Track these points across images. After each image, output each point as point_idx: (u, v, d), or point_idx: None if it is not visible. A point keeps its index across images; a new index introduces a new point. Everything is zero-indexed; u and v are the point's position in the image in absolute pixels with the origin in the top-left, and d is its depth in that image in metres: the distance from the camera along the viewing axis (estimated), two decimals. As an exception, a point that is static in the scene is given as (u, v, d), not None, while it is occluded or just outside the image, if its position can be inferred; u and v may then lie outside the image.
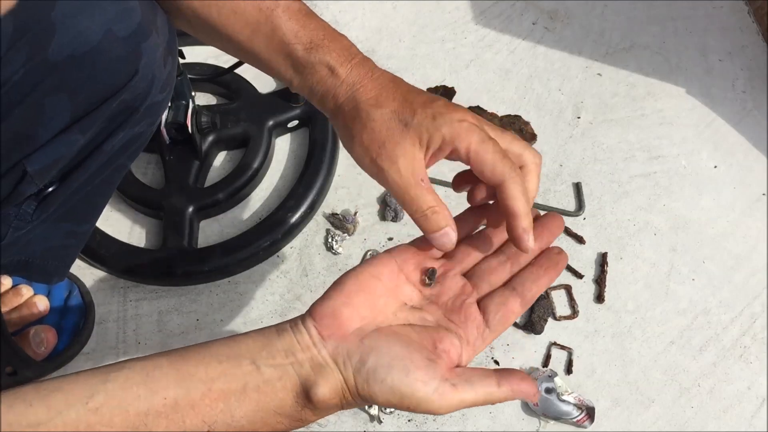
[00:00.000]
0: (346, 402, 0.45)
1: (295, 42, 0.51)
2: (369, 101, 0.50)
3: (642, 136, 0.94)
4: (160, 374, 0.44)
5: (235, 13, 0.51)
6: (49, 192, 0.55)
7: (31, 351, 0.74)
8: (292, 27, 0.51)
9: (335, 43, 0.51)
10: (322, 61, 0.51)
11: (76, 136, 0.51)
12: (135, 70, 0.50)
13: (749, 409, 0.78)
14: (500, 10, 1.04)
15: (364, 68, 0.51)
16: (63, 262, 0.63)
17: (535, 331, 0.81)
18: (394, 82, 0.51)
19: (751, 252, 0.87)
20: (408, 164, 0.50)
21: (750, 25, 1.04)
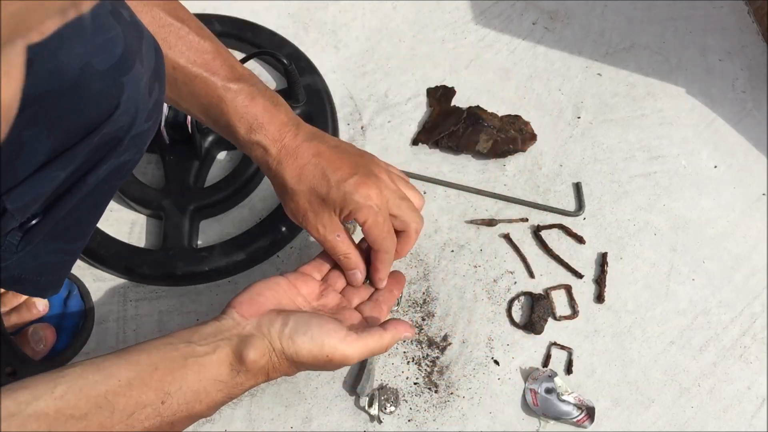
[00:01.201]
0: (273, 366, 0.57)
1: (237, 125, 0.64)
2: (293, 178, 0.65)
3: (642, 136, 0.94)
4: (110, 363, 0.51)
5: (192, 95, 0.63)
6: (33, 224, 0.54)
7: (30, 349, 0.74)
8: (236, 112, 0.64)
9: (270, 125, 0.64)
10: (258, 142, 0.65)
11: (56, 172, 0.50)
12: (116, 104, 0.49)
13: (749, 409, 0.78)
14: (500, 10, 1.04)
15: (290, 148, 0.65)
16: (56, 277, 0.63)
17: (535, 331, 0.81)
18: (317, 157, 0.65)
19: (751, 252, 0.87)
20: (326, 225, 0.66)
21: (750, 25, 1.04)
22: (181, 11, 0.63)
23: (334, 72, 0.97)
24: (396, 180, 0.69)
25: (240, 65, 0.65)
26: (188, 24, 0.62)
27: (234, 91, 0.63)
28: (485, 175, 0.91)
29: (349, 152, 0.68)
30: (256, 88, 0.65)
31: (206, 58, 0.62)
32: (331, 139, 0.68)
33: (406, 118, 0.95)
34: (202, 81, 0.62)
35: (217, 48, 0.63)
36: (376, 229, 0.66)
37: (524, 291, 0.83)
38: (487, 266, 0.85)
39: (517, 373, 0.79)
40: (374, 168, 0.67)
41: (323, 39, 1.00)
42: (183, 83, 0.62)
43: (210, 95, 0.63)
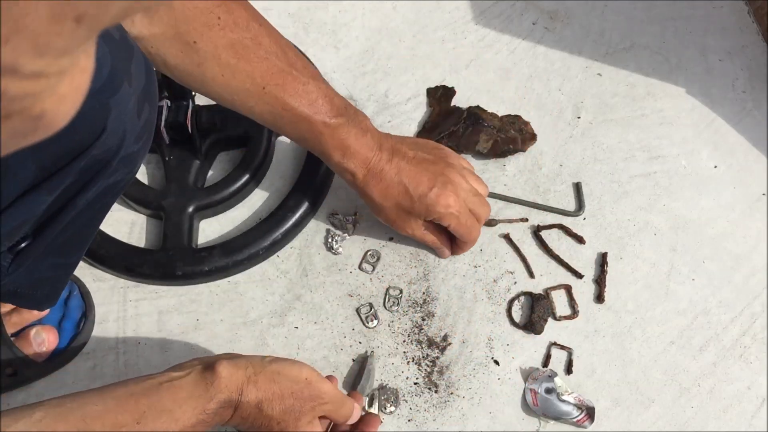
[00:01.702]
0: (249, 378, 0.58)
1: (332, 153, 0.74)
2: (380, 197, 0.76)
3: (642, 136, 0.94)
4: (88, 394, 0.54)
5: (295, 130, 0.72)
6: (23, 246, 0.53)
7: (32, 351, 0.74)
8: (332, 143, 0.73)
9: (359, 153, 0.74)
10: (348, 168, 0.75)
11: (43, 196, 0.49)
12: (102, 127, 0.48)
13: (749, 409, 0.78)
14: (500, 10, 1.04)
15: (374, 171, 0.75)
16: (52, 290, 0.63)
17: (535, 331, 0.81)
18: (398, 175, 0.75)
19: (751, 252, 0.87)
20: (413, 228, 0.79)
21: (750, 25, 1.04)
22: (290, 54, 0.70)
23: (334, 72, 0.97)
24: (468, 177, 0.79)
25: (339, 98, 0.74)
26: (296, 67, 0.70)
27: (332, 126, 0.72)
28: (485, 175, 0.91)
29: (426, 162, 0.77)
30: (351, 120, 0.74)
31: (312, 98, 0.71)
32: (409, 149, 0.77)
33: (406, 118, 0.95)
34: (307, 121, 0.71)
35: (320, 87, 0.72)
36: (461, 228, 0.78)
37: (524, 291, 0.83)
38: (487, 266, 0.85)
39: (517, 373, 0.79)
40: (450, 173, 0.77)
41: (323, 39, 1.00)
42: (289, 121, 0.71)
43: (312, 131, 0.72)
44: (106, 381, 0.77)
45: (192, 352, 0.79)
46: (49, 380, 0.77)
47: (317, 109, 0.71)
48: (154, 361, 0.79)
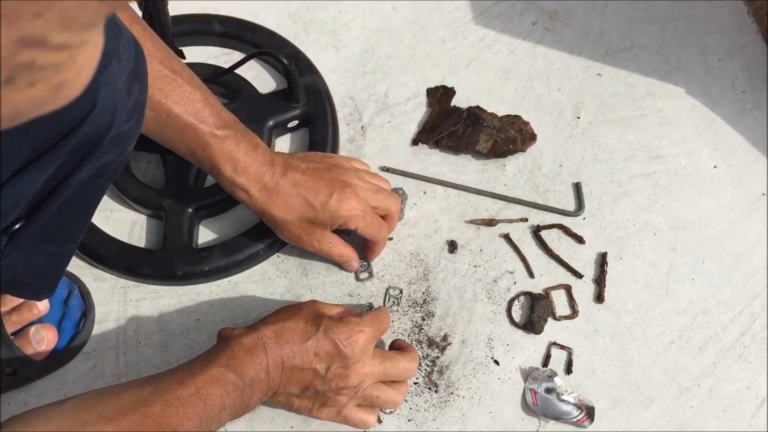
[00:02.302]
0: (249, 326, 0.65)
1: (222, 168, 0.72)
2: (281, 212, 0.74)
3: (642, 136, 0.94)
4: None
5: (182, 140, 0.71)
6: (17, 228, 0.53)
7: (32, 349, 0.75)
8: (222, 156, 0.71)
9: (251, 168, 0.72)
10: (240, 185, 0.73)
11: (35, 175, 0.50)
12: (92, 104, 0.49)
13: (749, 409, 0.78)
14: (500, 10, 1.04)
15: (269, 186, 0.74)
16: (49, 280, 0.63)
17: (535, 331, 0.81)
18: (296, 188, 0.74)
19: (751, 252, 0.87)
20: (319, 239, 0.77)
21: (750, 25, 1.04)
22: (175, 63, 0.70)
23: (334, 72, 0.98)
24: (365, 176, 0.79)
25: (226, 112, 0.73)
26: (181, 75, 0.69)
27: (220, 137, 0.71)
28: (485, 175, 0.91)
29: (321, 170, 0.76)
30: (240, 134, 0.73)
31: (197, 107, 0.69)
32: (302, 162, 0.77)
33: (406, 118, 0.95)
34: (192, 129, 0.70)
35: (206, 97, 0.71)
36: (369, 228, 0.77)
37: (524, 291, 0.84)
38: (487, 266, 0.85)
39: (517, 373, 0.79)
40: (346, 177, 0.76)
41: (323, 39, 1.00)
42: (174, 129, 0.70)
43: (199, 141, 0.71)
44: (106, 381, 0.77)
45: (192, 352, 0.79)
46: (49, 380, 0.77)
47: (203, 118, 0.70)
48: (154, 361, 0.79)
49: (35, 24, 0.20)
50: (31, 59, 0.21)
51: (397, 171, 0.90)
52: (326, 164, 0.78)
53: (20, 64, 0.21)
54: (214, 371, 0.60)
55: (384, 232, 0.80)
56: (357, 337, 0.67)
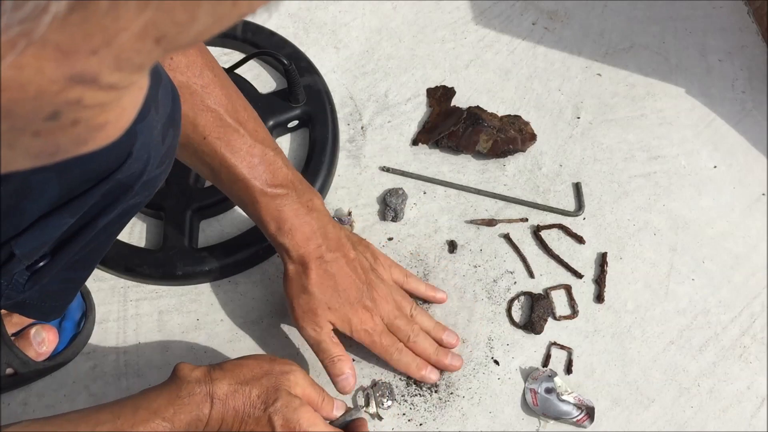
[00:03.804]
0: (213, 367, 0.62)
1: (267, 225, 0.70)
2: (313, 284, 0.71)
3: (642, 136, 0.94)
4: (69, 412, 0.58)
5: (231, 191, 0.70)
6: (41, 265, 0.54)
7: (33, 351, 0.75)
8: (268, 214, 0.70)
9: (297, 232, 0.70)
10: (282, 245, 0.71)
11: (66, 219, 0.50)
12: (128, 152, 0.49)
13: (749, 408, 0.78)
14: (500, 10, 1.04)
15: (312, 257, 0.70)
16: (60, 303, 0.63)
17: (535, 331, 0.81)
18: (334, 270, 0.71)
19: (751, 252, 0.87)
20: (322, 328, 0.71)
21: (750, 25, 1.04)
22: (241, 113, 0.69)
23: (334, 72, 0.98)
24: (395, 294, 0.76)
25: (286, 169, 0.70)
26: (245, 126, 0.68)
27: (269, 195, 0.69)
28: (485, 175, 0.91)
29: (361, 269, 0.73)
30: (296, 194, 0.71)
31: (253, 162, 0.68)
32: (352, 248, 0.74)
33: (406, 118, 0.95)
34: (244, 183, 0.68)
35: (265, 153, 0.69)
36: (375, 348, 0.74)
37: (524, 291, 0.84)
38: (487, 266, 0.85)
39: (517, 373, 0.79)
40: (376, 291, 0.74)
41: (323, 39, 1.00)
42: (227, 180, 0.69)
43: (249, 195, 0.69)
44: (106, 381, 0.77)
45: (192, 352, 0.79)
46: (49, 380, 0.77)
47: (257, 174, 0.68)
48: (154, 361, 0.79)
49: (90, 61, 0.19)
50: (79, 97, 0.20)
51: (397, 171, 0.90)
52: (368, 264, 0.75)
53: (68, 100, 0.20)
54: (155, 424, 0.58)
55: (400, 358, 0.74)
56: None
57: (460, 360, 0.78)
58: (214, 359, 0.79)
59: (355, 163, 0.91)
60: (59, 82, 0.19)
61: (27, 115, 0.20)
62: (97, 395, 0.77)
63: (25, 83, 0.19)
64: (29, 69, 0.19)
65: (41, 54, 0.18)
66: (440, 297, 0.82)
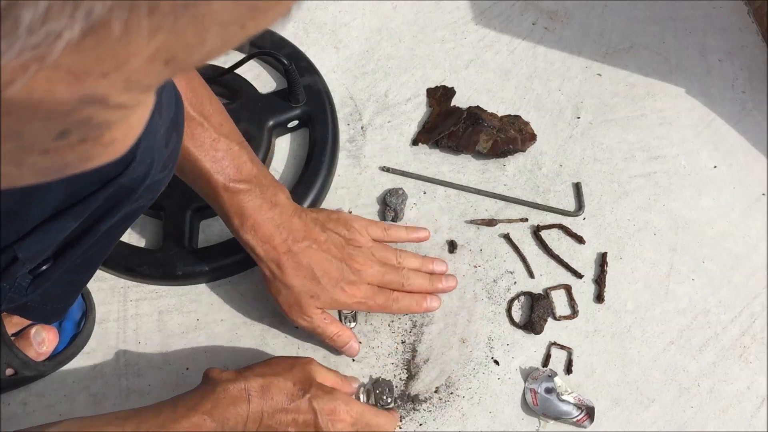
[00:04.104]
0: (240, 372, 0.64)
1: (232, 220, 0.71)
2: (287, 276, 0.71)
3: (642, 136, 0.94)
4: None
5: (195, 184, 0.71)
6: (43, 269, 0.54)
7: (33, 351, 0.74)
8: (231, 209, 0.70)
9: (262, 227, 0.70)
10: (247, 241, 0.71)
11: (69, 223, 0.50)
12: (132, 156, 0.49)
13: (749, 408, 0.78)
14: (500, 10, 1.04)
15: (280, 250, 0.71)
16: (62, 306, 0.63)
17: (535, 331, 0.81)
18: (307, 259, 0.71)
19: (751, 252, 0.87)
20: (312, 316, 0.73)
21: (750, 26, 1.04)
22: (206, 107, 0.68)
23: (334, 72, 0.98)
24: (377, 252, 0.77)
25: (251, 165, 0.71)
26: (210, 120, 0.68)
27: (232, 191, 0.69)
28: (485, 175, 0.91)
29: (335, 248, 0.74)
30: (259, 189, 0.71)
31: (217, 156, 0.68)
32: (320, 233, 0.74)
33: (406, 118, 0.95)
34: (207, 176, 0.69)
35: (229, 147, 0.69)
36: (372, 309, 0.76)
37: (524, 291, 0.84)
38: (487, 266, 0.85)
39: (517, 373, 0.79)
40: (357, 263, 0.74)
41: (323, 39, 1.00)
42: (190, 172, 0.69)
43: (211, 189, 0.70)
44: (106, 381, 0.77)
45: (192, 352, 0.79)
46: (49, 380, 0.77)
47: (220, 168, 0.68)
48: (154, 361, 0.79)
49: (100, 84, 0.20)
50: (88, 116, 0.21)
51: (397, 171, 0.90)
52: (341, 239, 0.75)
53: (77, 120, 0.21)
54: (196, 419, 0.60)
55: (399, 305, 0.77)
56: (341, 418, 0.65)
57: (454, 280, 0.81)
58: (214, 359, 0.79)
59: (355, 163, 0.91)
60: (69, 103, 0.20)
61: (36, 135, 0.21)
62: (97, 395, 0.77)
63: (35, 105, 0.19)
64: (40, 91, 0.19)
65: (53, 77, 0.18)
66: (423, 235, 0.83)
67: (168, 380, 0.78)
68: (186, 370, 0.78)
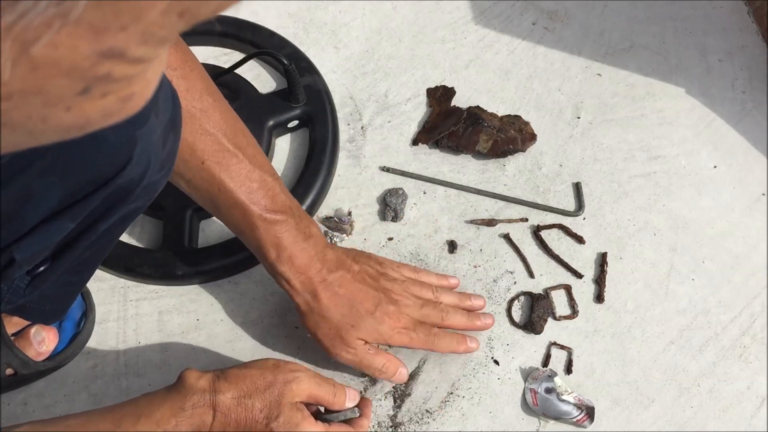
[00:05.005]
0: (218, 376, 0.61)
1: (267, 252, 0.69)
2: (324, 309, 0.70)
3: (642, 136, 0.94)
4: (70, 415, 0.58)
5: (230, 216, 0.69)
6: (41, 270, 0.54)
7: (33, 351, 0.75)
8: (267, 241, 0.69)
9: (297, 258, 0.69)
10: (282, 273, 0.70)
11: (66, 224, 0.50)
12: (129, 157, 0.49)
13: (749, 408, 0.78)
14: (500, 10, 1.04)
15: (315, 282, 0.70)
16: (61, 306, 0.63)
17: (535, 331, 0.81)
18: (343, 288, 0.70)
19: (751, 252, 0.87)
20: (356, 347, 0.71)
21: (750, 26, 1.04)
22: (241, 138, 0.68)
23: (334, 72, 0.98)
24: (412, 288, 0.75)
25: (284, 196, 0.70)
26: (244, 151, 0.68)
27: (269, 221, 0.68)
28: (485, 175, 0.91)
29: (370, 278, 0.73)
30: (294, 221, 0.70)
31: (252, 187, 0.68)
32: (354, 264, 0.73)
33: (406, 118, 0.95)
34: (242, 208, 0.68)
35: (264, 178, 0.68)
36: (415, 344, 0.73)
37: (524, 291, 0.84)
38: (487, 266, 0.85)
39: (517, 373, 0.79)
40: (392, 294, 0.73)
41: (323, 39, 1.00)
42: (225, 205, 0.68)
43: (247, 221, 0.68)
44: (106, 381, 0.77)
45: (192, 352, 0.79)
46: (49, 380, 0.77)
47: (255, 199, 0.68)
48: (154, 361, 0.79)
49: (119, 37, 0.20)
50: (108, 71, 0.21)
51: (397, 171, 0.90)
52: (376, 272, 0.74)
53: (98, 75, 0.21)
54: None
55: (440, 342, 0.74)
56: None
57: (491, 317, 0.79)
58: (214, 359, 0.79)
59: (355, 163, 0.91)
60: (91, 58, 0.20)
61: (60, 91, 0.21)
62: (97, 395, 0.77)
63: (58, 61, 0.20)
64: (63, 47, 0.19)
65: (74, 32, 0.19)
66: (453, 283, 0.81)
67: (168, 380, 0.77)
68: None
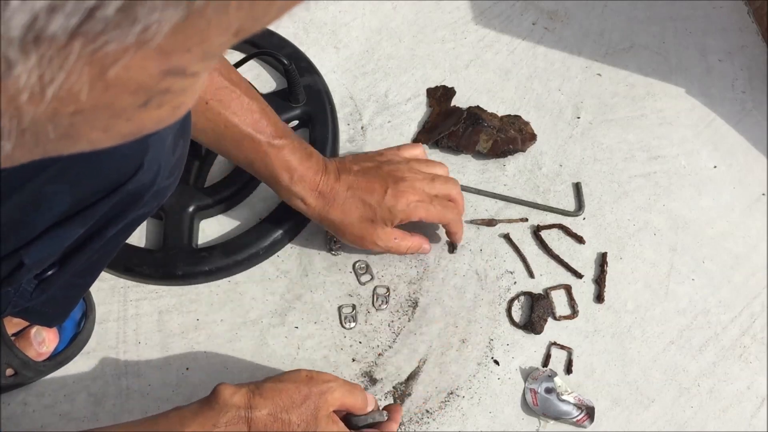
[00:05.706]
0: (253, 392, 0.60)
1: (281, 176, 0.73)
2: (339, 216, 0.75)
3: (642, 136, 0.94)
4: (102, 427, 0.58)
5: (239, 150, 0.72)
6: (49, 274, 0.54)
7: (33, 351, 0.75)
8: (280, 165, 0.72)
9: (306, 175, 0.73)
10: (297, 193, 0.74)
11: (76, 229, 0.50)
12: (140, 164, 0.50)
13: (749, 408, 0.78)
14: (500, 10, 1.04)
15: (325, 193, 0.75)
16: (63, 309, 0.63)
17: (535, 330, 0.81)
18: (351, 189, 0.75)
19: (751, 252, 0.87)
20: (381, 237, 0.76)
21: (750, 26, 1.04)
22: (233, 74, 0.71)
23: (334, 72, 0.98)
24: (417, 166, 0.78)
25: (282, 123, 0.74)
26: (239, 86, 0.70)
27: (277, 147, 0.72)
28: (485, 175, 0.91)
29: (372, 169, 0.76)
30: (295, 143, 0.73)
31: (255, 118, 0.71)
32: (353, 164, 0.77)
33: (406, 118, 0.95)
34: (250, 139, 0.71)
35: (263, 108, 0.71)
36: (433, 216, 0.77)
37: (524, 291, 0.84)
38: (487, 266, 0.85)
39: (517, 373, 0.79)
40: (398, 172, 0.76)
41: (323, 39, 1.00)
42: (232, 139, 0.71)
43: (257, 151, 0.72)
44: (106, 381, 0.77)
45: (192, 352, 0.79)
46: (49, 380, 0.77)
47: (260, 128, 0.71)
48: (154, 361, 0.79)
49: (184, 57, 0.21)
50: (168, 86, 0.22)
51: (397, 171, 0.90)
52: (377, 162, 0.78)
53: (158, 90, 0.22)
54: None
55: (451, 212, 0.78)
56: None
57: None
58: (214, 359, 0.79)
59: (355, 163, 0.91)
60: (156, 76, 0.21)
61: (125, 105, 0.22)
62: (97, 395, 0.77)
63: (128, 80, 0.21)
64: (134, 69, 0.20)
65: (146, 55, 0.20)
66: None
67: (168, 380, 0.78)
68: (186, 370, 0.78)
